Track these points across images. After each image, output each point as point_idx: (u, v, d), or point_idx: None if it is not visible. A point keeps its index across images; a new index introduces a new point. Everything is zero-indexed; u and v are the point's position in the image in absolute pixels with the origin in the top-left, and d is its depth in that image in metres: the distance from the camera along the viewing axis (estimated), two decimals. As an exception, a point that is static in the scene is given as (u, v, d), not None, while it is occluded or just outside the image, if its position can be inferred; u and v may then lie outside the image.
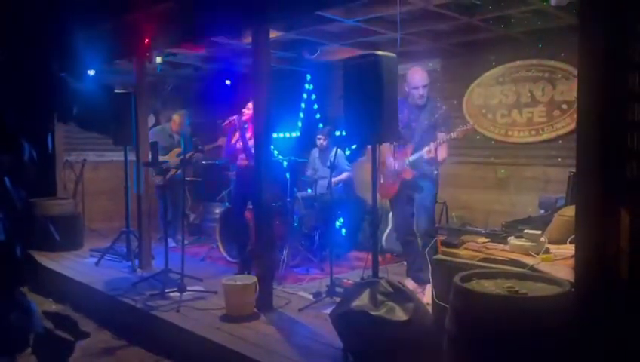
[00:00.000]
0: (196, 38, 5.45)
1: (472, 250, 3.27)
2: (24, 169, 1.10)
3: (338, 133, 6.62)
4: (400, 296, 3.11)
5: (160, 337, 4.12)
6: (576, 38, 2.45)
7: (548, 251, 3.09)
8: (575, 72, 5.13)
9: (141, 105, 5.63)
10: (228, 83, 7.62)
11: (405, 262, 4.95)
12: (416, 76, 4.58)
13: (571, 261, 2.67)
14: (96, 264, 5.84)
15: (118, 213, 6.61)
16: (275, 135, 7.08)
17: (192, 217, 7.54)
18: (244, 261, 5.23)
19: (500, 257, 3.09)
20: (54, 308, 5.05)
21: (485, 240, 3.44)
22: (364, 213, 6.58)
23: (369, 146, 3.92)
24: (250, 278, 4.29)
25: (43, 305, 5.00)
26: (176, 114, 7.00)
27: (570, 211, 2.93)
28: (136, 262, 5.65)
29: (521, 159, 5.86)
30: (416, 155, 4.48)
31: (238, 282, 4.25)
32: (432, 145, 4.37)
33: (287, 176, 6.15)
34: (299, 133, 7.53)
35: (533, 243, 3.10)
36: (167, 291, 4.55)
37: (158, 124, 7.76)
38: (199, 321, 4.05)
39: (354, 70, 3.65)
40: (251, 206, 5.20)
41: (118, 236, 6.06)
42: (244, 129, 5.17)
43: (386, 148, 4.48)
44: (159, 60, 6.50)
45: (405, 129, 4.44)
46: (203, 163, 6.86)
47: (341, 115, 3.87)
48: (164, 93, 8.12)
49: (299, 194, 6.20)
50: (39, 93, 1.10)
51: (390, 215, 5.67)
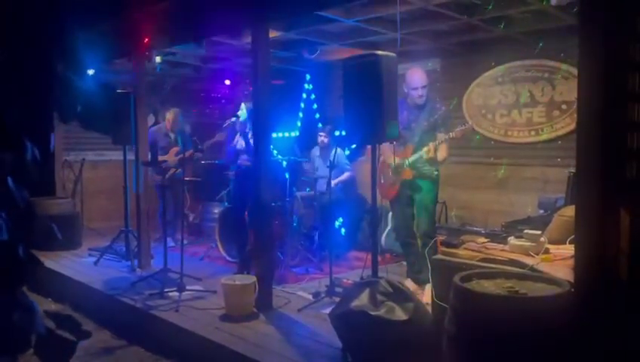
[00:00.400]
0: (196, 37, 5.45)
1: (472, 250, 3.27)
2: (27, 168, 1.09)
3: (338, 133, 6.62)
4: (400, 296, 3.11)
5: (159, 337, 4.11)
6: (576, 38, 2.45)
7: (548, 251, 3.09)
8: (575, 72, 5.15)
9: (140, 104, 5.62)
10: (227, 83, 7.62)
11: (405, 262, 4.95)
12: (416, 77, 4.57)
13: (571, 261, 2.67)
14: (95, 263, 5.83)
15: (117, 212, 6.59)
16: (275, 135, 7.08)
17: (191, 217, 7.53)
18: (243, 261, 5.23)
19: (500, 257, 3.09)
20: (54, 307, 5.05)
21: (485, 240, 3.44)
22: (363, 213, 6.57)
23: (369, 146, 3.91)
24: (250, 278, 4.29)
25: (42, 304, 4.99)
26: (169, 112, 6.84)
27: (570, 211, 2.93)
28: (135, 262, 5.64)
29: (521, 159, 5.86)
30: (416, 155, 4.48)
31: (237, 282, 4.24)
32: (431, 145, 4.37)
33: (287, 176, 6.15)
34: (298, 133, 7.52)
35: (532, 244, 3.10)
36: (166, 291, 4.55)
37: (157, 123, 7.75)
38: (198, 321, 4.04)
39: (354, 70, 3.65)
40: (250, 206, 5.20)
41: (117, 235, 6.05)
42: (245, 133, 5.17)
43: (386, 149, 4.48)
44: (158, 60, 6.49)
45: (405, 129, 4.44)
46: (202, 162, 6.84)
47: (341, 115, 3.86)
48: (163, 93, 8.11)
49: (298, 193, 6.20)
50: (41, 93, 1.09)
51: (390, 214, 5.67)
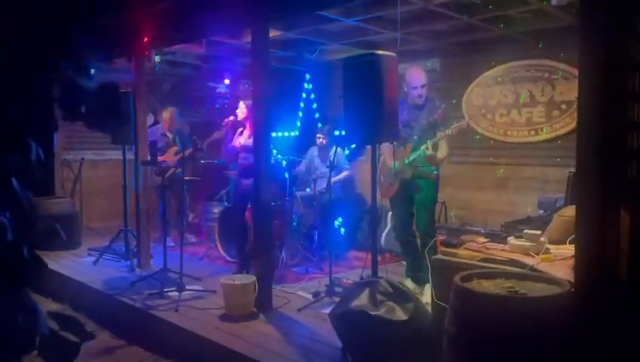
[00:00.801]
0: (196, 37, 5.44)
1: (472, 249, 3.27)
2: (31, 169, 1.09)
3: (337, 133, 6.61)
4: (400, 296, 3.10)
5: (159, 336, 4.11)
6: (576, 38, 2.45)
7: (548, 251, 3.09)
8: (574, 72, 5.15)
9: (140, 104, 5.62)
10: (227, 82, 7.62)
11: (404, 262, 4.95)
12: (415, 76, 4.58)
13: (571, 261, 2.67)
14: (95, 263, 5.83)
15: (116, 212, 6.58)
16: (274, 134, 7.07)
17: (190, 216, 7.52)
18: (242, 260, 5.22)
19: (500, 257, 3.09)
20: (53, 307, 5.04)
21: (485, 240, 3.44)
22: (363, 213, 6.57)
23: (368, 146, 3.91)
24: (249, 278, 4.28)
25: (42, 304, 4.97)
26: (166, 111, 6.79)
27: (570, 211, 2.94)
28: (135, 261, 5.63)
29: (521, 159, 5.86)
30: (415, 154, 4.49)
31: (236, 282, 4.24)
32: (428, 142, 4.38)
33: (286, 176, 6.14)
34: (298, 133, 7.52)
35: (533, 244, 3.10)
36: (165, 290, 4.54)
37: (157, 122, 7.74)
38: (198, 321, 4.04)
39: (354, 69, 3.64)
40: (250, 205, 5.19)
41: (116, 235, 6.04)
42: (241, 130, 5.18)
43: (386, 148, 4.48)
44: (158, 59, 6.48)
45: (404, 128, 4.44)
46: (202, 162, 6.83)
47: (340, 115, 3.85)
48: (162, 92, 8.10)
49: (298, 193, 6.19)
50: (45, 93, 1.09)
51: (389, 214, 5.66)
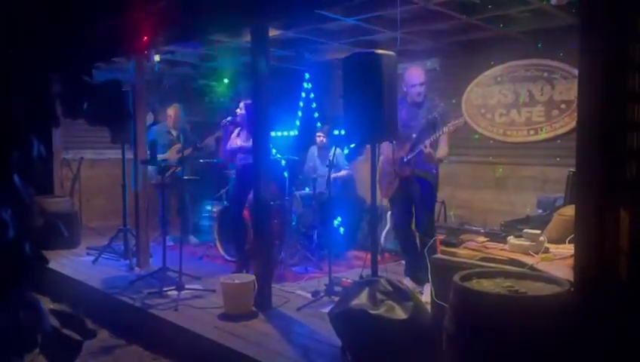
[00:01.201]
0: (195, 36, 5.44)
1: (472, 249, 3.27)
2: (33, 165, 1.09)
3: (337, 132, 6.61)
4: (399, 295, 3.11)
5: (158, 336, 4.11)
6: (575, 37, 2.45)
7: (547, 250, 3.09)
8: (574, 71, 5.16)
9: (139, 103, 5.61)
10: (226, 82, 7.61)
11: (404, 261, 4.95)
12: (413, 74, 4.60)
13: (570, 260, 2.67)
14: (94, 262, 5.82)
15: (115, 211, 6.58)
16: (274, 133, 7.07)
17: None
18: (242, 259, 5.22)
19: (500, 256, 3.09)
20: (52, 306, 5.04)
21: (484, 239, 3.44)
22: (362, 212, 6.57)
23: (367, 146, 3.91)
24: (249, 277, 4.29)
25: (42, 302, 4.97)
26: (171, 108, 6.77)
27: (570, 210, 2.94)
28: (134, 261, 5.63)
29: (520, 158, 5.87)
30: (415, 153, 4.49)
31: (236, 281, 4.24)
32: (426, 141, 4.39)
33: (286, 175, 6.14)
34: (297, 132, 7.52)
35: (532, 243, 3.10)
36: (165, 289, 4.53)
37: (156, 122, 7.72)
38: (197, 320, 4.04)
39: (353, 69, 3.64)
40: (248, 204, 5.19)
41: (115, 234, 6.03)
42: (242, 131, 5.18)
43: (385, 147, 4.48)
44: (157, 58, 6.46)
45: (403, 127, 4.44)
46: (201, 161, 6.83)
47: (340, 114, 3.85)
48: (162, 91, 8.09)
49: (297, 192, 6.19)
50: (46, 90, 1.09)
51: (389, 214, 5.67)
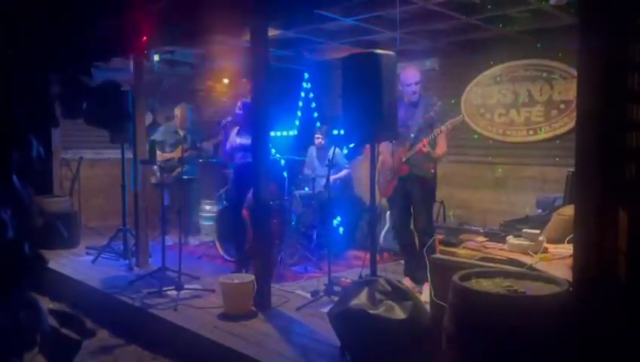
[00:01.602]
0: (195, 35, 5.43)
1: (471, 249, 3.27)
2: (32, 166, 1.09)
3: (336, 132, 6.61)
4: (399, 295, 3.11)
5: (157, 335, 4.11)
6: (575, 37, 2.45)
7: (546, 250, 3.09)
8: (573, 71, 5.16)
9: (139, 103, 5.61)
10: (226, 81, 7.60)
11: (403, 261, 4.95)
12: (409, 74, 4.61)
13: (570, 260, 2.67)
14: (93, 262, 5.82)
15: (114, 210, 6.57)
16: (273, 133, 7.07)
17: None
18: (241, 259, 5.22)
19: (499, 256, 3.09)
20: (52, 306, 5.03)
21: (484, 239, 3.44)
22: (361, 212, 6.57)
23: (367, 145, 3.91)
24: (248, 277, 4.29)
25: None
26: (178, 108, 6.76)
27: (569, 210, 2.94)
28: (133, 260, 5.63)
29: (519, 158, 5.87)
30: (413, 152, 4.49)
31: (235, 280, 4.24)
32: (424, 139, 4.39)
33: (285, 175, 6.14)
34: (296, 132, 7.52)
35: (531, 243, 3.10)
36: (164, 289, 4.54)
37: (155, 122, 7.72)
38: (197, 320, 4.04)
39: (353, 68, 3.64)
40: (247, 204, 5.19)
41: (114, 234, 6.03)
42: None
43: (384, 147, 4.49)
44: (157, 58, 6.46)
45: (402, 127, 4.44)
46: (200, 161, 6.83)
47: (339, 114, 3.85)
48: (161, 91, 8.08)
49: (296, 192, 6.19)
50: (45, 90, 1.09)
51: (388, 213, 5.67)
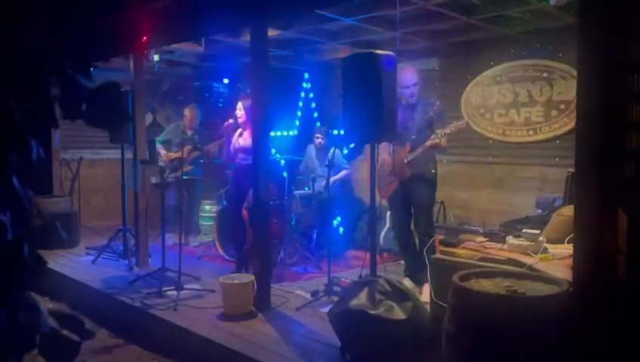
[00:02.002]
0: (195, 35, 5.43)
1: (471, 249, 3.27)
2: (32, 167, 1.08)
3: (336, 132, 6.61)
4: (398, 295, 3.11)
5: (157, 335, 4.10)
6: (574, 38, 2.45)
7: (546, 251, 3.10)
8: (573, 71, 5.16)
9: (139, 103, 5.60)
10: (226, 81, 7.61)
11: (403, 261, 4.95)
12: (407, 75, 4.58)
13: (569, 260, 2.67)
14: (93, 262, 5.82)
15: (114, 210, 6.57)
16: (273, 133, 7.07)
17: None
18: (241, 259, 5.22)
19: (499, 256, 3.09)
20: (51, 306, 5.03)
21: (483, 239, 3.45)
22: (361, 212, 6.58)
23: (366, 145, 3.90)
24: (248, 277, 4.28)
25: (40, 303, 4.97)
26: (187, 108, 6.77)
27: (569, 211, 2.94)
28: (133, 260, 5.62)
29: (519, 159, 5.87)
30: (414, 154, 4.49)
31: (235, 281, 4.24)
32: (438, 132, 4.39)
33: (285, 175, 6.14)
34: (296, 132, 7.52)
35: (531, 243, 3.11)
36: (164, 289, 4.53)
37: (155, 122, 7.73)
38: (196, 320, 4.04)
39: (353, 69, 3.63)
40: (247, 204, 5.19)
41: (114, 234, 6.03)
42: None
43: (385, 147, 4.48)
44: (156, 58, 6.46)
45: (402, 128, 4.45)
46: (201, 161, 6.83)
47: (339, 114, 3.85)
48: (161, 91, 8.09)
49: (296, 192, 6.19)
50: (45, 91, 1.09)
51: (388, 213, 5.67)
